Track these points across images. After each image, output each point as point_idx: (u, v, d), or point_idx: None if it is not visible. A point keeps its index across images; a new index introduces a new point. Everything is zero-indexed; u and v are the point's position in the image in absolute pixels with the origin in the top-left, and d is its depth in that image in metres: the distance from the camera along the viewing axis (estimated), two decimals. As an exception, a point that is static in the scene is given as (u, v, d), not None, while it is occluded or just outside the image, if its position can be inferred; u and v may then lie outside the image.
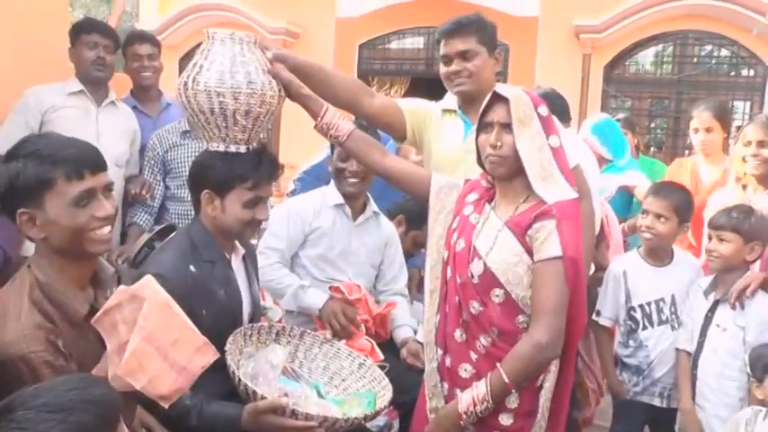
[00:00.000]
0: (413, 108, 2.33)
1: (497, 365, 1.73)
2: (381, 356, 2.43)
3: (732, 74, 7.90)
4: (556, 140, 1.81)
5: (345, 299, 2.53)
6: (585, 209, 2.10)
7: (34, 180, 1.46)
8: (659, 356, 2.58)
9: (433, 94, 2.75)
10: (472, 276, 1.79)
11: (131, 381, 1.39)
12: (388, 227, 2.87)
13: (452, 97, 2.38)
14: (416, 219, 2.94)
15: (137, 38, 3.52)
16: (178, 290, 1.62)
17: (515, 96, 1.78)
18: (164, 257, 1.95)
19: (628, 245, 3.40)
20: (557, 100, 3.22)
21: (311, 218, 2.65)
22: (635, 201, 3.65)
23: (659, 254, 2.67)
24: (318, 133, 2.05)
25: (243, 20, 8.37)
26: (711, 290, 2.51)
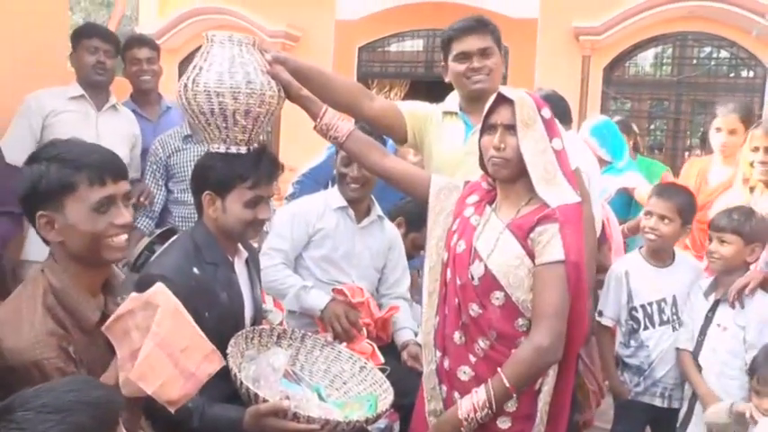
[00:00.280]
0: (413, 110, 2.32)
1: (498, 370, 1.72)
2: (382, 359, 2.42)
3: (731, 75, 7.91)
4: (559, 143, 1.80)
5: (348, 301, 2.53)
6: (585, 213, 2.09)
7: (56, 183, 1.47)
8: (660, 356, 2.59)
9: (433, 96, 2.74)
10: (472, 278, 1.79)
11: (143, 385, 1.39)
12: (391, 231, 2.87)
13: (454, 99, 2.38)
14: (416, 221, 2.93)
15: (135, 42, 3.52)
16: (181, 292, 1.62)
17: (520, 98, 1.77)
18: (167, 259, 1.95)
19: (627, 246, 3.40)
20: (558, 102, 3.23)
21: (315, 219, 2.65)
22: (634, 202, 3.65)
23: (661, 254, 2.68)
24: (318, 134, 2.04)
25: (242, 23, 8.38)
26: (711, 291, 2.53)
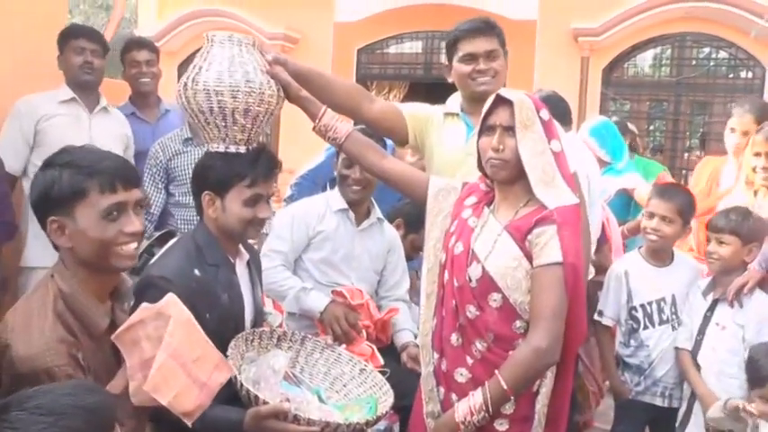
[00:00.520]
0: (414, 112, 2.32)
1: (496, 372, 1.71)
2: (381, 361, 2.42)
3: (730, 76, 7.91)
4: (557, 145, 1.80)
5: (348, 303, 2.53)
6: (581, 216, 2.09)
7: (68, 189, 1.47)
8: (660, 356, 2.60)
9: (432, 98, 2.75)
10: (470, 280, 1.78)
11: (157, 396, 1.38)
12: (391, 233, 2.87)
13: (455, 100, 2.37)
14: (414, 222, 2.93)
15: (134, 44, 3.53)
16: (183, 293, 1.62)
17: (519, 100, 1.77)
18: (169, 261, 1.94)
19: (626, 247, 3.40)
20: (558, 103, 3.23)
21: (315, 222, 2.65)
22: (634, 203, 3.65)
23: (660, 254, 2.69)
24: (317, 135, 2.04)
25: (241, 25, 8.37)
26: (710, 290, 2.54)
